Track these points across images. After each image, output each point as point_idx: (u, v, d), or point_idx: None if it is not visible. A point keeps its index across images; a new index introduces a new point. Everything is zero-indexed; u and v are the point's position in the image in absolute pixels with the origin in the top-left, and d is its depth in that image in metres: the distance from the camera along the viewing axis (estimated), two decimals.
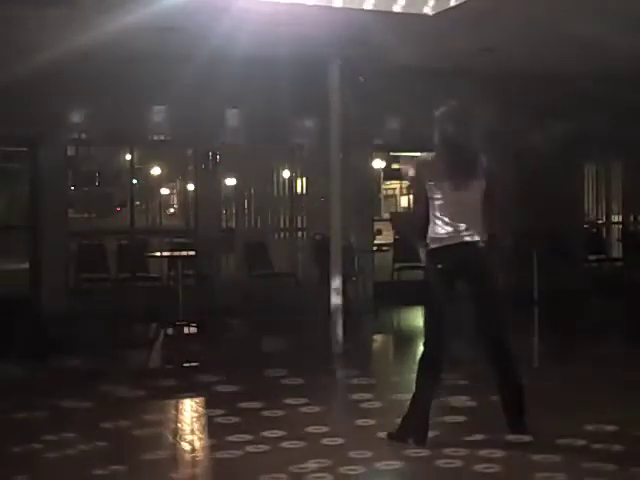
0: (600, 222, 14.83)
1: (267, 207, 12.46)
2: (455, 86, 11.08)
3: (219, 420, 5.82)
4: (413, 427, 5.07)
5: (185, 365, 7.91)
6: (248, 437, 5.28)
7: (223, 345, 9.26)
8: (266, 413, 5.94)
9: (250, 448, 5.07)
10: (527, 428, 5.12)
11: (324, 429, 5.46)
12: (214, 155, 12.12)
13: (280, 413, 5.95)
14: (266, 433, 5.36)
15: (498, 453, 4.88)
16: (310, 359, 8.09)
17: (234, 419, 5.79)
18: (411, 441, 5.02)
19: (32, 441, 5.25)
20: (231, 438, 5.28)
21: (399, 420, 5.17)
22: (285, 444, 5.16)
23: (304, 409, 6.06)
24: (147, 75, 10.46)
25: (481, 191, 5.12)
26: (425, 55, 10.53)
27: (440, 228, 5.10)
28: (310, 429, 5.47)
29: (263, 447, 5.09)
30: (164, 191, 41.25)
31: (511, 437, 5.09)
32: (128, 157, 14.36)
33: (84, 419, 5.89)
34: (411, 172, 5.81)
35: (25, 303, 10.92)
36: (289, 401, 6.25)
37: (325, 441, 5.21)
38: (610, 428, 5.36)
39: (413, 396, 5.13)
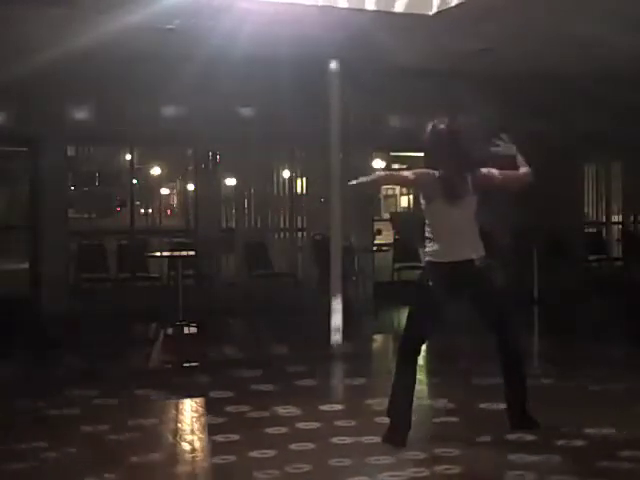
0: (600, 222, 14.84)
1: (267, 207, 12.46)
2: (455, 86, 11.12)
3: (217, 421, 5.83)
4: (392, 426, 5.09)
5: (185, 365, 7.90)
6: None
7: (222, 345, 9.24)
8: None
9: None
10: (536, 424, 5.16)
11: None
12: (214, 155, 12.13)
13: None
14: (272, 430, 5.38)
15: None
16: (309, 359, 8.07)
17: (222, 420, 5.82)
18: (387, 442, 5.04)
19: (31, 442, 5.25)
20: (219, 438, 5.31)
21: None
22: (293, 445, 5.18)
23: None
24: (147, 75, 10.46)
25: (475, 206, 5.18)
26: (425, 55, 10.52)
27: (435, 245, 5.13)
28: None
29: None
30: (164, 191, 41.28)
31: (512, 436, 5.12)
32: (128, 157, 14.35)
33: (82, 419, 5.89)
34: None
35: (25, 303, 10.92)
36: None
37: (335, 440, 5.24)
38: (607, 430, 5.35)
39: (392, 394, 5.17)
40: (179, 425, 5.89)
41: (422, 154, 5.32)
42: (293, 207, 12.58)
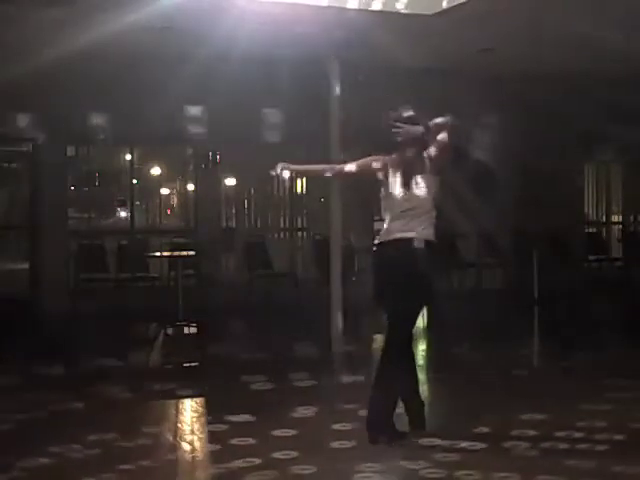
0: (600, 222, 14.85)
1: (267, 207, 12.47)
2: (455, 86, 11.13)
3: (219, 420, 5.83)
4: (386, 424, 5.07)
5: (185, 365, 7.90)
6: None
7: (222, 345, 9.24)
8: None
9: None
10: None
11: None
12: (214, 155, 12.13)
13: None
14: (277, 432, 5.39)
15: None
16: (309, 360, 8.08)
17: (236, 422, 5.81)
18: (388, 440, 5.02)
19: (31, 449, 5.21)
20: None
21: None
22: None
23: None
24: (147, 75, 10.46)
25: (432, 186, 5.09)
26: (425, 55, 10.52)
27: (383, 227, 5.18)
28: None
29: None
30: (164, 191, 41.22)
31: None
32: (128, 157, 14.33)
33: (83, 421, 5.89)
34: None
35: (25, 303, 10.92)
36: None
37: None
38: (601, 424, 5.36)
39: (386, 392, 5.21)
40: (179, 425, 5.89)
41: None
42: (293, 207, 12.58)
